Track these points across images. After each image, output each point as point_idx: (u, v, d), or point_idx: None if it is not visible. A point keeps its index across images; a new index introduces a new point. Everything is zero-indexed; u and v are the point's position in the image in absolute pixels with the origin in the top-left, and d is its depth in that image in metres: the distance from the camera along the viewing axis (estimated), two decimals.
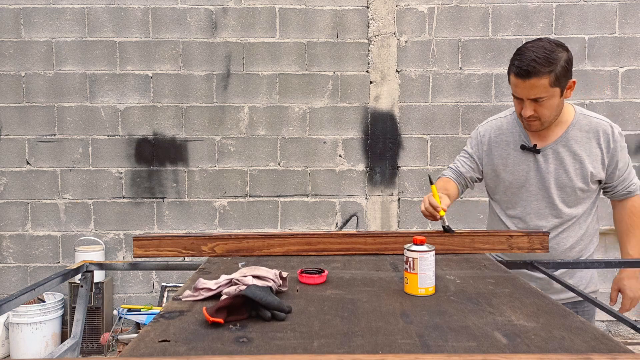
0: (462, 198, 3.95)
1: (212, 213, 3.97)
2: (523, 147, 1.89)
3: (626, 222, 1.96)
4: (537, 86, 1.70)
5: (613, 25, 3.95)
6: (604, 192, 1.96)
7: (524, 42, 1.85)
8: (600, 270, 2.12)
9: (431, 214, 1.77)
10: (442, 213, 1.74)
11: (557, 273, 1.85)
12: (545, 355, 0.87)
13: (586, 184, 1.86)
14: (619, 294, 1.99)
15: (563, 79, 1.73)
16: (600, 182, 1.90)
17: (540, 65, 1.69)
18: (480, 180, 2.07)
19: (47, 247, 3.95)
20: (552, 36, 3.94)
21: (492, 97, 3.97)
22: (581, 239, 1.91)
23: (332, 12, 3.94)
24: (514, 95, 1.80)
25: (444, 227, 1.80)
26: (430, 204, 1.76)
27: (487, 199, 2.12)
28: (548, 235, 1.80)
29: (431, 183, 1.82)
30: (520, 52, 1.75)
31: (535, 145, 1.87)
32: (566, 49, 1.78)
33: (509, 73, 1.79)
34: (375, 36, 3.94)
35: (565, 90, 1.77)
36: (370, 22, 3.94)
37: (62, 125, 3.93)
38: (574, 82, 1.79)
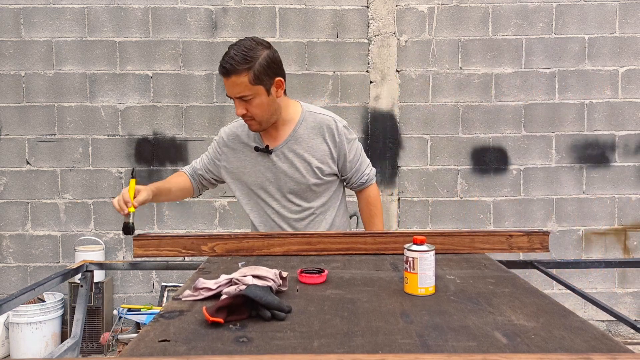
0: (461, 198, 3.95)
1: (212, 213, 3.97)
2: (257, 149, 1.92)
3: (366, 212, 2.05)
4: (238, 84, 1.74)
5: (613, 25, 3.95)
6: (345, 185, 2.04)
7: (525, 42, 1.85)
8: (600, 270, 2.12)
9: (121, 208, 1.74)
10: (131, 209, 1.75)
11: None
12: (545, 355, 0.87)
13: (319, 179, 1.91)
14: None
15: (264, 77, 1.76)
16: (335, 174, 1.96)
17: (237, 63, 1.72)
18: (218, 183, 2.10)
19: (47, 247, 3.95)
20: (552, 36, 3.94)
21: (492, 96, 3.97)
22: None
23: (332, 12, 3.94)
24: (226, 95, 1.83)
25: (127, 224, 1.75)
26: (123, 197, 1.75)
27: (486, 198, 2.13)
28: (548, 235, 1.80)
29: (133, 177, 1.83)
30: (226, 51, 1.79)
31: (267, 146, 1.90)
32: (268, 47, 1.80)
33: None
34: (375, 36, 3.94)
35: (273, 88, 1.81)
36: (370, 22, 3.94)
37: (62, 125, 3.93)
38: (281, 81, 1.83)
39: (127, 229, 1.75)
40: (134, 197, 1.77)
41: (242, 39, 1.82)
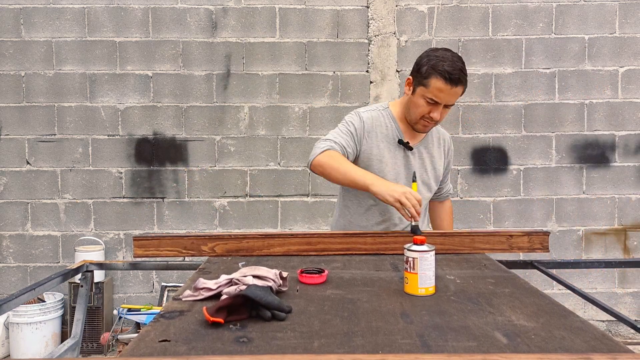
0: (461, 198, 3.95)
1: (212, 213, 3.97)
2: (400, 142, 1.93)
3: (446, 220, 2.17)
4: (458, 94, 1.80)
5: (613, 25, 3.95)
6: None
7: (525, 42, 1.87)
8: (601, 270, 2.12)
9: (417, 212, 1.66)
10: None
11: None
12: (546, 355, 0.87)
13: (436, 184, 2.02)
14: None
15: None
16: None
17: (464, 75, 1.79)
18: None
19: (47, 247, 3.95)
20: (552, 36, 3.94)
21: (492, 96, 3.97)
22: None
23: (332, 12, 3.94)
24: (431, 99, 1.79)
25: (418, 227, 1.72)
26: (416, 199, 1.66)
27: (486, 198, 2.14)
28: (548, 235, 1.80)
29: (414, 181, 1.78)
30: (445, 59, 1.76)
31: (408, 142, 1.93)
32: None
33: (430, 76, 1.77)
34: (375, 36, 3.94)
35: None
36: (370, 22, 3.94)
37: (62, 125, 3.93)
38: None
39: (417, 230, 1.72)
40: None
41: (444, 49, 1.82)
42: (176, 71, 3.94)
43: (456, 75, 1.74)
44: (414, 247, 1.34)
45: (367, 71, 3.95)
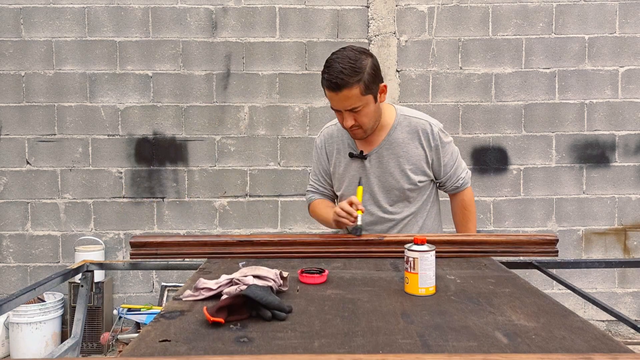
0: None
1: (212, 213, 3.97)
2: (351, 155, 1.91)
3: (459, 215, 2.04)
4: (350, 97, 1.71)
5: (613, 25, 3.95)
6: (438, 187, 2.02)
7: (525, 42, 1.84)
8: (601, 270, 2.12)
9: (348, 212, 1.72)
10: (359, 212, 1.73)
11: None
12: (546, 355, 0.87)
13: (413, 184, 1.89)
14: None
15: (372, 85, 1.74)
16: (430, 179, 1.93)
17: (348, 76, 1.69)
18: None
19: (47, 247, 3.95)
20: (552, 36, 3.95)
21: (492, 96, 3.97)
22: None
23: (332, 12, 3.94)
24: (332, 108, 1.80)
25: (357, 227, 1.74)
26: (350, 202, 1.73)
27: (486, 198, 2.12)
28: (557, 239, 1.77)
29: (360, 184, 1.84)
30: (328, 65, 1.75)
31: (362, 152, 1.89)
32: (370, 55, 1.77)
33: (323, 86, 1.78)
34: (375, 36, 3.94)
35: (379, 95, 1.79)
36: (370, 21, 3.94)
37: (62, 125, 3.92)
38: (385, 86, 1.82)
39: (356, 229, 1.75)
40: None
41: (342, 49, 1.78)
42: (176, 71, 3.94)
43: (334, 80, 1.69)
44: (414, 247, 1.34)
45: None
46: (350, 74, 1.68)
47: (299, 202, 3.96)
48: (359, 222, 1.74)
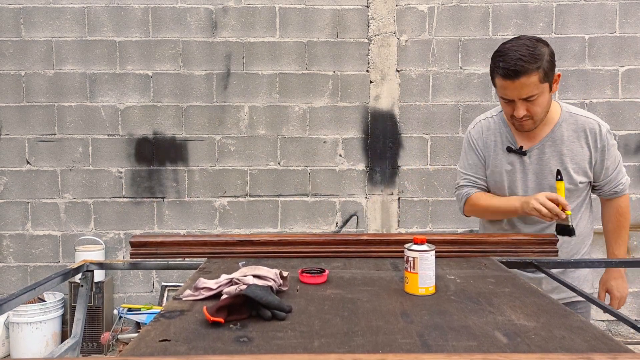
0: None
1: (212, 213, 3.97)
2: (509, 150, 1.85)
3: (613, 222, 1.99)
4: (528, 84, 1.66)
5: (613, 25, 3.95)
6: (592, 190, 1.94)
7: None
8: (601, 270, 2.12)
9: (556, 214, 1.64)
10: (568, 212, 1.66)
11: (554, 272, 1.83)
12: (546, 355, 0.87)
13: (573, 184, 1.82)
14: (607, 294, 1.99)
15: (550, 73, 1.70)
16: (589, 181, 1.86)
17: (528, 62, 1.65)
18: None
19: (47, 247, 3.95)
20: (552, 36, 3.94)
21: (492, 96, 3.97)
22: (571, 239, 1.85)
23: (332, 12, 3.94)
24: (502, 98, 1.75)
25: (568, 227, 1.68)
26: (556, 201, 1.64)
27: None
28: (557, 239, 1.77)
29: (560, 179, 1.71)
30: (502, 53, 1.72)
31: (521, 147, 1.83)
32: (546, 43, 1.73)
33: (493, 76, 1.74)
34: (376, 35, 3.94)
35: (553, 85, 1.74)
36: (371, 21, 3.94)
37: (62, 124, 3.92)
38: (559, 75, 1.76)
39: (570, 231, 1.69)
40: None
41: (515, 38, 1.75)
42: (176, 71, 3.94)
43: (512, 67, 1.65)
44: (414, 247, 1.34)
45: (367, 71, 3.95)
46: (530, 61, 1.65)
47: (299, 201, 3.96)
48: (571, 223, 1.67)
